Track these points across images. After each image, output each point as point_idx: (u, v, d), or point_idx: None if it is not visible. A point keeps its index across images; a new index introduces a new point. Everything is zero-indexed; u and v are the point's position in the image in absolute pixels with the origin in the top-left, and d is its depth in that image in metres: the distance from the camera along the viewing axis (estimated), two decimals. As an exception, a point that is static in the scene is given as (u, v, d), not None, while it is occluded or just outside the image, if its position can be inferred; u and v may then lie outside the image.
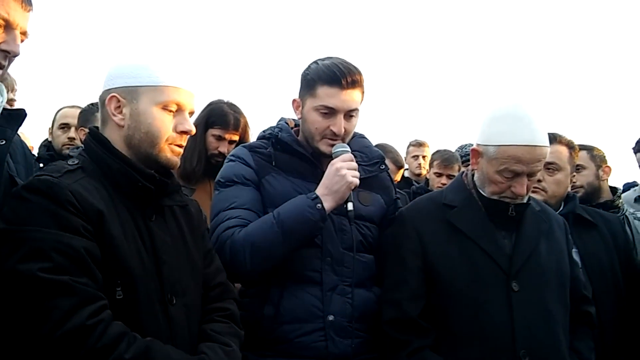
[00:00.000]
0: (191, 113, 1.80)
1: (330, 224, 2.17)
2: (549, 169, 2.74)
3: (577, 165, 3.28)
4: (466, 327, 2.06)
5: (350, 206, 2.12)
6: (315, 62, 2.25)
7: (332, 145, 2.19)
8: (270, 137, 2.32)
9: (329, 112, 2.16)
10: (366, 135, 2.47)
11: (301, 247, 2.10)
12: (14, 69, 1.68)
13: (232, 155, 2.30)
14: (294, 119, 2.42)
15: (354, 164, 2.14)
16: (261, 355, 2.09)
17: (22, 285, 1.44)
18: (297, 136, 2.33)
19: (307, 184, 2.17)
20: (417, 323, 2.11)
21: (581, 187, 3.32)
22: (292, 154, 2.26)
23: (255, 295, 2.15)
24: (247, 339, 1.93)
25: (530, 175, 2.07)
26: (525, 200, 2.17)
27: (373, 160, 2.37)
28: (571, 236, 2.38)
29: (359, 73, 2.20)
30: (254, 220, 2.11)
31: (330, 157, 2.18)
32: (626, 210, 3.34)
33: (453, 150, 4.85)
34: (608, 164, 3.40)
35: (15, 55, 1.57)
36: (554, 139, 2.74)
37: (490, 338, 2.03)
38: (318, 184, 2.13)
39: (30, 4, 1.60)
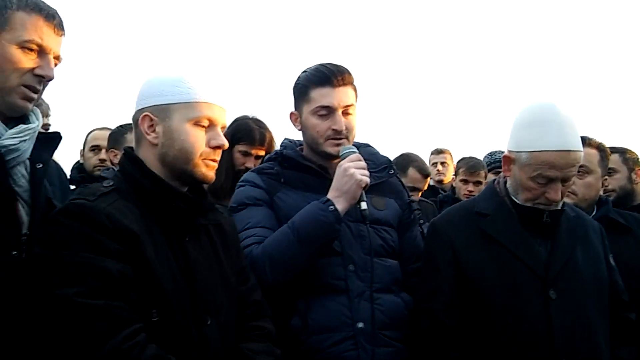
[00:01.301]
0: (223, 128, 1.81)
1: (347, 231, 2.17)
2: (578, 172, 2.69)
3: (609, 168, 3.22)
4: (504, 336, 2.03)
5: (364, 205, 2.11)
6: (304, 71, 2.30)
7: (338, 145, 2.21)
8: (276, 157, 2.35)
9: (326, 111, 2.20)
10: (389, 145, 2.52)
11: (321, 254, 2.10)
12: (47, 94, 1.72)
13: (242, 181, 2.34)
14: (299, 141, 2.43)
15: (363, 163, 2.14)
16: None
17: (58, 309, 1.47)
18: (302, 152, 2.35)
19: (318, 196, 2.15)
20: (454, 334, 2.09)
21: (613, 190, 3.26)
22: (299, 169, 2.28)
23: (281, 309, 2.13)
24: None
25: (564, 180, 2.05)
26: (559, 207, 2.15)
27: (381, 166, 2.38)
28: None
29: (348, 72, 2.25)
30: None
31: (337, 159, 2.20)
32: (660, 213, 3.27)
33: (481, 157, 4.81)
34: None
35: (50, 79, 1.61)
36: (583, 141, 2.68)
37: (529, 347, 2.00)
38: None
39: (63, 29, 1.64)
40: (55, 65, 1.63)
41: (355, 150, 2.19)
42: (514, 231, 2.13)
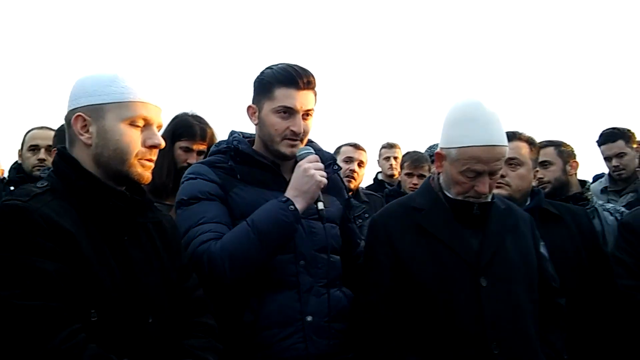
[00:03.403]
0: (159, 127, 1.80)
1: (300, 228, 2.20)
2: (511, 164, 2.82)
3: (545, 161, 3.39)
4: (439, 323, 2.11)
5: (320, 205, 2.16)
6: (269, 67, 2.30)
7: (293, 147, 2.24)
8: (227, 150, 2.33)
9: (288, 112, 2.22)
10: (341, 140, 2.53)
11: (278, 252, 2.13)
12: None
13: (192, 173, 2.29)
14: (242, 132, 2.44)
15: (320, 164, 2.19)
16: None
17: (-6, 312, 1.43)
18: (253, 147, 2.36)
19: (271, 192, 2.19)
20: (393, 324, 2.16)
21: (549, 182, 3.41)
22: (253, 164, 2.28)
23: (233, 304, 2.16)
24: (227, 348, 1.95)
25: (491, 174, 2.14)
26: (489, 199, 2.24)
27: (326, 162, 2.40)
28: (538, 230, 2.44)
29: (313, 76, 2.27)
30: (227, 232, 2.12)
31: (289, 160, 2.26)
32: (595, 202, 3.43)
33: (423, 151, 4.92)
34: (576, 159, 3.48)
35: None
36: (513, 135, 2.82)
37: (461, 332, 2.08)
38: (282, 191, 2.17)
39: None
40: None
41: (312, 151, 2.23)
42: (447, 224, 2.22)
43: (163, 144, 1.79)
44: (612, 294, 2.72)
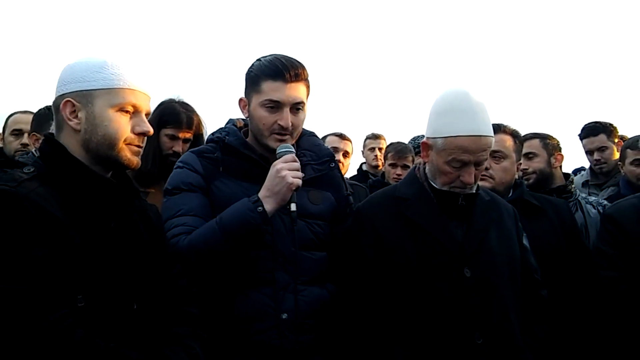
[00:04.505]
0: (147, 114, 1.81)
1: (280, 224, 2.19)
2: (495, 157, 2.84)
3: (530, 152, 3.44)
4: (423, 313, 2.12)
5: (293, 207, 2.11)
6: (258, 59, 2.27)
7: (282, 141, 2.20)
8: (218, 140, 2.32)
9: (275, 106, 2.18)
10: (326, 130, 2.50)
11: (250, 249, 2.12)
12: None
13: (180, 162, 2.30)
14: (242, 119, 2.43)
15: (296, 165, 2.13)
16: (216, 357, 2.08)
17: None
18: (247, 137, 2.34)
19: (256, 187, 2.16)
20: (378, 315, 2.17)
21: (533, 173, 3.47)
22: (240, 157, 2.27)
23: (209, 298, 2.14)
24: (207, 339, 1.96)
25: (477, 164, 2.16)
26: (474, 190, 2.26)
27: (323, 158, 2.39)
28: (520, 222, 2.45)
29: (302, 67, 2.23)
30: (200, 226, 2.12)
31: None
32: (578, 195, 3.48)
33: (406, 142, 4.94)
34: (561, 152, 3.54)
35: None
36: (498, 128, 2.84)
37: (445, 322, 2.10)
38: None
39: None
40: None
41: (292, 150, 2.18)
42: (432, 214, 2.23)
43: (152, 131, 1.81)
44: (591, 286, 2.76)
